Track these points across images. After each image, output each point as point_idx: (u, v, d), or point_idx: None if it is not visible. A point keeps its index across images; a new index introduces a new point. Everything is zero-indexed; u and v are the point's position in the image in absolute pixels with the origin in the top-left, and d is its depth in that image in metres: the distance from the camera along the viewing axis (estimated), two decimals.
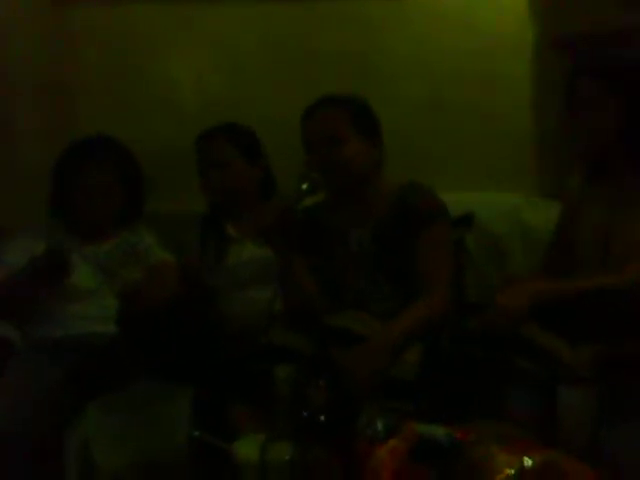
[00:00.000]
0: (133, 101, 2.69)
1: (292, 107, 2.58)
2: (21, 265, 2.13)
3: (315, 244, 2.10)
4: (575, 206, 1.93)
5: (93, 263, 2.26)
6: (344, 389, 1.57)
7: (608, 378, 1.53)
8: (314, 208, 2.10)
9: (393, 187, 2.09)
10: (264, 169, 2.47)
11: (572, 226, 1.92)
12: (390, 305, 1.98)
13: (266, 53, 2.70)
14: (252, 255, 2.39)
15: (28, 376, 1.98)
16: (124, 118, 2.65)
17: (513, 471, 1.25)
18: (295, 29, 2.68)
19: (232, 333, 2.14)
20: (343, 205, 2.11)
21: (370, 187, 2.08)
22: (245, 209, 2.44)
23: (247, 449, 1.39)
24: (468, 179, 2.69)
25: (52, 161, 2.33)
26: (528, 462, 1.26)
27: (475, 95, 2.69)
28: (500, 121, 2.72)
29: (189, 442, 1.42)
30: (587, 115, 1.79)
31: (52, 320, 2.18)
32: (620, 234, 1.78)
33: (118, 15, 2.65)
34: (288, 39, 2.68)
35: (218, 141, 2.41)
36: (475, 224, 2.32)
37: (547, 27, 2.67)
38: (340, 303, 2.02)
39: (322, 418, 1.34)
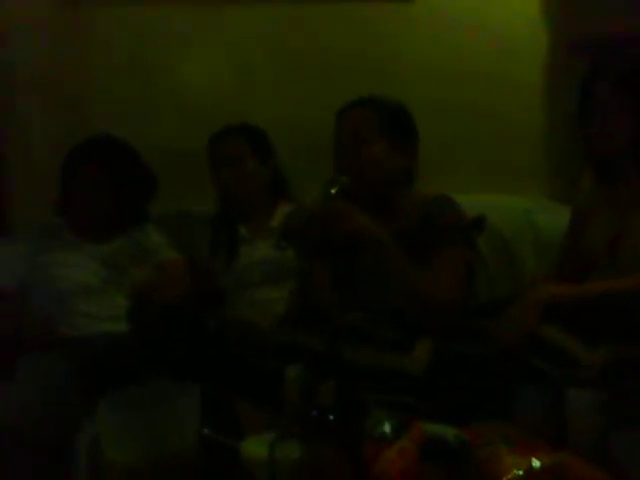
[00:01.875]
0: (144, 101, 2.71)
1: (302, 110, 2.61)
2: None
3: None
4: (586, 209, 1.93)
5: (99, 261, 2.27)
6: (352, 390, 1.57)
7: (618, 381, 1.53)
8: None
9: (420, 199, 2.05)
10: (275, 169, 2.48)
11: (583, 229, 1.92)
12: (404, 314, 1.95)
13: (277, 55, 2.72)
14: (263, 255, 2.40)
15: (37, 375, 1.99)
16: (135, 118, 2.67)
17: (521, 472, 1.25)
18: (306, 31, 2.69)
19: (242, 332, 2.14)
20: (368, 210, 2.07)
21: (397, 195, 2.04)
22: (256, 209, 2.45)
23: (256, 447, 1.39)
24: (479, 181, 2.69)
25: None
26: (536, 463, 1.26)
27: (487, 98, 2.70)
28: (512, 124, 2.72)
29: (198, 440, 1.43)
30: (603, 118, 1.78)
31: (61, 319, 2.19)
32: (630, 237, 1.78)
33: (130, 16, 2.67)
34: (299, 41, 2.70)
35: (231, 139, 2.43)
36: (486, 226, 2.32)
37: (559, 30, 2.67)
38: (355, 307, 2.01)
39: (331, 418, 1.34)
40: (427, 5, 2.70)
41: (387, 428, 1.37)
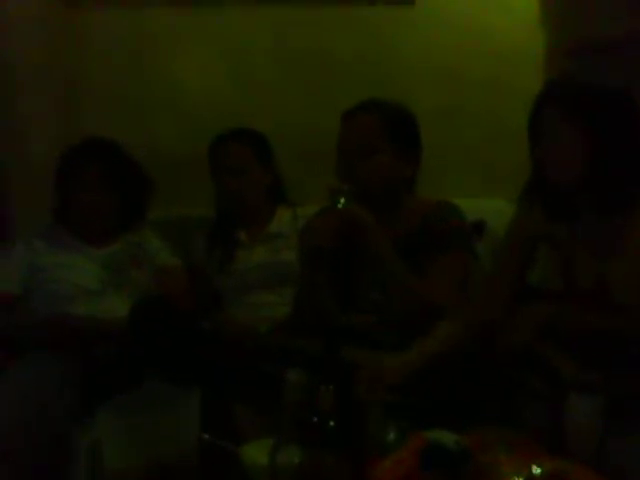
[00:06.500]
0: (142, 105, 2.70)
1: (302, 113, 2.60)
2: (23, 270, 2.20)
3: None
4: (532, 241, 1.83)
5: (98, 265, 2.27)
6: (353, 394, 1.57)
7: (616, 388, 1.53)
8: None
9: (422, 205, 2.03)
10: (274, 174, 2.47)
11: (530, 262, 1.83)
12: (403, 319, 1.94)
13: (277, 59, 2.72)
14: (260, 260, 2.40)
15: (34, 378, 1.99)
16: (133, 122, 2.67)
17: (521, 479, 1.25)
18: (307, 36, 2.69)
19: (239, 337, 2.14)
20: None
21: (398, 203, 2.02)
22: (255, 214, 2.45)
23: (256, 453, 1.40)
24: (479, 186, 2.69)
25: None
26: (536, 470, 1.26)
27: (486, 102, 2.71)
28: (510, 128, 2.71)
29: (198, 445, 1.43)
30: (554, 146, 1.65)
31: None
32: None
33: (130, 19, 2.67)
34: (300, 46, 2.70)
35: (235, 147, 2.40)
36: (486, 232, 2.32)
37: (557, 34, 2.68)
38: (354, 312, 2.00)
39: (331, 423, 1.34)
40: (427, 9, 2.70)
41: (390, 435, 1.38)
